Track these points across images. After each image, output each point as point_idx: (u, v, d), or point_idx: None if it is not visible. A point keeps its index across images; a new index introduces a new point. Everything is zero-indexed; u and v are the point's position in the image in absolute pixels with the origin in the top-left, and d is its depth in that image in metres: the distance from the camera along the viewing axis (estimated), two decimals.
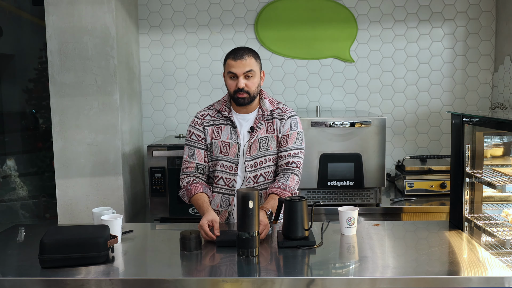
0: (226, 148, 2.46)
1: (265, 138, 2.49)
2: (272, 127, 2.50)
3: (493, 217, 2.40)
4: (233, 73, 2.41)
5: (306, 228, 2.18)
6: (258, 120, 2.49)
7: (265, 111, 2.50)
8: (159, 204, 3.31)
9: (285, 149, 2.49)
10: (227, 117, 2.49)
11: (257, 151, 2.47)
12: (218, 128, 2.49)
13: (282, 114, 2.52)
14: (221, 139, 2.47)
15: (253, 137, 2.47)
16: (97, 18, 3.19)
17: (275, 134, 2.50)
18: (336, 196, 3.26)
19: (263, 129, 2.49)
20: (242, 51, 2.43)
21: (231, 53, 2.44)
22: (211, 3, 3.83)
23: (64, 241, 1.96)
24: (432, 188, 3.39)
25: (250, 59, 2.41)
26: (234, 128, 2.48)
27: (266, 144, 2.49)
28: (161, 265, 1.99)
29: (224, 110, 2.50)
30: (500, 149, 2.60)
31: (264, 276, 1.88)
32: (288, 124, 2.50)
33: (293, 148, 2.50)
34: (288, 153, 2.49)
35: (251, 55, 2.43)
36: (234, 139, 2.47)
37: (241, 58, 2.40)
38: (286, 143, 2.49)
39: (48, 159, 4.20)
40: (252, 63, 2.41)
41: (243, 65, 2.39)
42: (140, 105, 3.84)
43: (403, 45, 3.84)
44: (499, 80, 3.74)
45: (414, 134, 3.92)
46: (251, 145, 2.46)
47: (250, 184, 2.49)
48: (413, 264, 1.98)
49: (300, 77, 3.87)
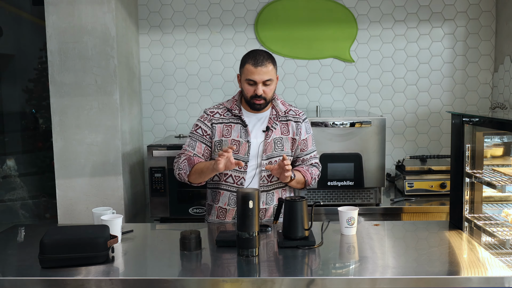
0: (236, 146, 2.49)
1: (279, 139, 2.54)
2: (287, 128, 2.56)
3: (493, 217, 2.40)
4: (251, 80, 2.43)
5: (306, 228, 2.18)
6: (272, 120, 2.54)
7: (279, 111, 2.56)
8: (159, 204, 3.32)
9: (307, 152, 2.63)
10: (238, 116, 2.52)
11: (272, 151, 2.52)
12: (228, 126, 2.52)
13: (296, 117, 2.60)
14: (231, 137, 2.50)
15: (269, 137, 2.52)
16: (97, 18, 3.19)
17: (290, 136, 2.56)
18: (336, 196, 3.26)
19: (278, 129, 2.54)
20: (262, 57, 2.44)
21: (251, 57, 2.44)
22: (211, 3, 3.83)
23: (64, 241, 1.97)
24: (432, 188, 3.39)
25: (270, 66, 2.44)
26: (244, 127, 2.51)
27: (281, 144, 2.54)
28: (161, 265, 1.99)
29: (234, 109, 2.54)
30: (500, 149, 2.60)
31: (264, 276, 1.88)
32: (304, 127, 2.60)
33: (312, 150, 2.65)
34: (310, 156, 2.64)
35: (270, 62, 2.45)
36: (244, 137, 2.50)
37: (262, 65, 2.42)
38: (306, 147, 2.62)
39: (48, 159, 4.19)
40: (271, 71, 2.45)
41: (263, 73, 2.42)
42: (140, 105, 3.84)
43: (403, 45, 3.84)
44: (499, 80, 3.74)
45: (414, 134, 3.92)
46: (267, 145, 2.51)
47: (265, 183, 2.52)
48: (413, 264, 1.98)
49: (300, 77, 3.87)
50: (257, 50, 2.49)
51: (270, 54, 2.49)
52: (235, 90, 3.86)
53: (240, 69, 2.52)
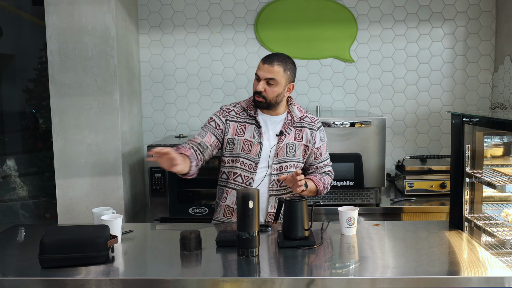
0: (248, 147, 2.49)
1: (292, 145, 2.53)
2: (301, 135, 2.56)
3: (493, 217, 2.40)
4: (257, 75, 2.47)
5: (306, 228, 2.18)
6: (287, 125, 2.54)
7: (294, 117, 2.56)
8: (159, 204, 3.31)
9: (321, 160, 2.62)
10: (253, 117, 2.53)
11: (283, 155, 2.51)
12: (242, 126, 2.52)
13: (311, 124, 2.59)
14: (244, 137, 2.50)
15: (282, 142, 2.51)
16: (97, 18, 3.19)
17: (303, 143, 2.55)
18: (336, 196, 3.26)
19: (292, 135, 2.54)
20: (275, 57, 2.47)
21: (266, 56, 2.50)
22: (211, 3, 3.83)
23: (64, 241, 1.96)
24: (432, 188, 3.39)
25: (278, 67, 2.44)
26: (258, 128, 2.51)
27: (293, 150, 2.53)
28: (161, 265, 1.99)
29: (250, 109, 2.54)
30: (500, 149, 2.60)
31: (264, 276, 1.88)
32: (319, 135, 2.60)
33: (326, 158, 2.65)
34: (323, 164, 2.63)
35: (281, 64, 2.45)
36: (257, 138, 2.50)
37: (269, 64, 2.44)
38: (320, 155, 2.61)
39: (48, 159, 4.19)
40: (278, 72, 2.44)
41: (268, 71, 2.44)
42: (140, 105, 3.84)
43: (403, 45, 3.84)
44: (499, 80, 3.74)
45: (414, 134, 3.92)
46: (279, 149, 2.50)
47: (274, 187, 2.52)
48: (413, 264, 1.98)
49: (300, 77, 3.87)
50: (278, 53, 2.52)
51: (287, 59, 2.49)
52: (235, 90, 3.87)
53: None
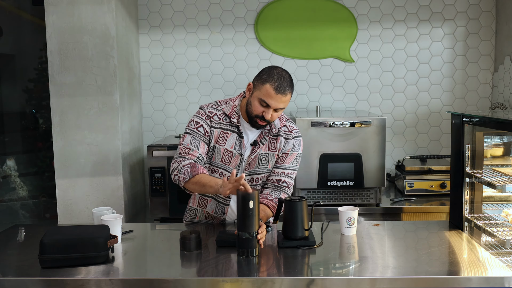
0: (228, 158, 2.37)
1: (265, 155, 2.42)
2: (276, 145, 2.42)
3: (493, 217, 2.40)
4: (265, 103, 2.26)
5: (306, 228, 2.18)
6: (263, 135, 2.41)
7: (273, 128, 2.41)
8: (159, 204, 3.32)
9: (281, 166, 2.44)
10: (235, 125, 2.38)
11: (255, 167, 2.41)
12: (225, 134, 2.37)
13: (288, 133, 2.44)
14: (225, 147, 2.37)
15: (254, 153, 2.39)
16: (97, 18, 3.19)
17: (276, 153, 2.43)
18: (336, 196, 3.26)
19: (266, 145, 2.41)
20: (286, 83, 2.25)
21: (276, 80, 2.25)
22: (211, 3, 3.83)
23: (64, 241, 1.96)
24: (432, 188, 3.39)
25: (289, 95, 2.28)
26: (240, 138, 2.38)
27: (266, 161, 2.42)
28: (161, 265, 1.99)
29: (233, 117, 2.37)
30: (500, 149, 2.60)
31: (264, 276, 1.88)
32: (292, 144, 2.44)
33: (288, 168, 2.45)
34: (282, 172, 2.44)
35: (291, 91, 2.28)
36: (238, 149, 2.37)
37: (283, 93, 2.24)
38: (283, 161, 2.44)
39: (48, 159, 4.20)
40: (288, 100, 2.29)
41: (282, 101, 2.26)
42: (140, 105, 3.84)
43: (403, 45, 3.84)
44: (499, 80, 3.74)
45: (414, 134, 3.92)
46: (250, 160, 2.39)
47: None
48: (413, 264, 1.98)
49: (300, 77, 3.87)
50: (283, 73, 2.28)
51: (292, 80, 2.30)
52: (235, 90, 3.86)
53: (256, 81, 2.30)
